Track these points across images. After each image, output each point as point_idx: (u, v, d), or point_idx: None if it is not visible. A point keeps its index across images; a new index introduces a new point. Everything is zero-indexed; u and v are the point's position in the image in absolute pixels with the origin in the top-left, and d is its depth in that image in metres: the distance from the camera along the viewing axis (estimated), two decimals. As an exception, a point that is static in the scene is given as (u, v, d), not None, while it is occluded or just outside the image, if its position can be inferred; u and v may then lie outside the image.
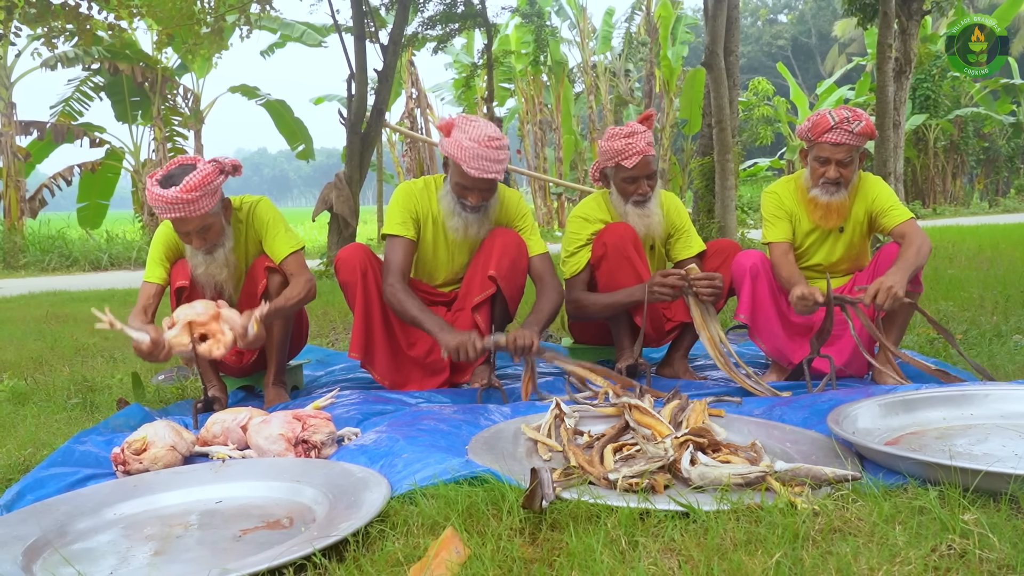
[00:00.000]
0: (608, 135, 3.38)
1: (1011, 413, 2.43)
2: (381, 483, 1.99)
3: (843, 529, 1.64)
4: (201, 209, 2.90)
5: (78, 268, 14.50)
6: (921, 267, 3.00)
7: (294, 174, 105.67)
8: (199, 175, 2.87)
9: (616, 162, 3.35)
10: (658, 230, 3.44)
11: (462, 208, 3.20)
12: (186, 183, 2.84)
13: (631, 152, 3.30)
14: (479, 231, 3.26)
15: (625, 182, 3.38)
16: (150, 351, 2.80)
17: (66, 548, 1.85)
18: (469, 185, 3.13)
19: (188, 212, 2.88)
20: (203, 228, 2.97)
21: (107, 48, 15.01)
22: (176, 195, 2.83)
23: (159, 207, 2.88)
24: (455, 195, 3.20)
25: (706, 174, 10.37)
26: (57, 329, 5.74)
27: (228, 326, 2.84)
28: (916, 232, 3.09)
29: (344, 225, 8.73)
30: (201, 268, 3.06)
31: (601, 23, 22.70)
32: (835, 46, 46.14)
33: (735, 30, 9.04)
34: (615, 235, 3.31)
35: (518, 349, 2.94)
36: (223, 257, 3.08)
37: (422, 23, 10.55)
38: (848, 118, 3.10)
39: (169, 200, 2.84)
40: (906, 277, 2.87)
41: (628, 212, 3.39)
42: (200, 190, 2.87)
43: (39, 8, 7.67)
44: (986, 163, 27.00)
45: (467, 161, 3.04)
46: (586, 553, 1.56)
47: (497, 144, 3.06)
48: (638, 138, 3.30)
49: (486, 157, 3.04)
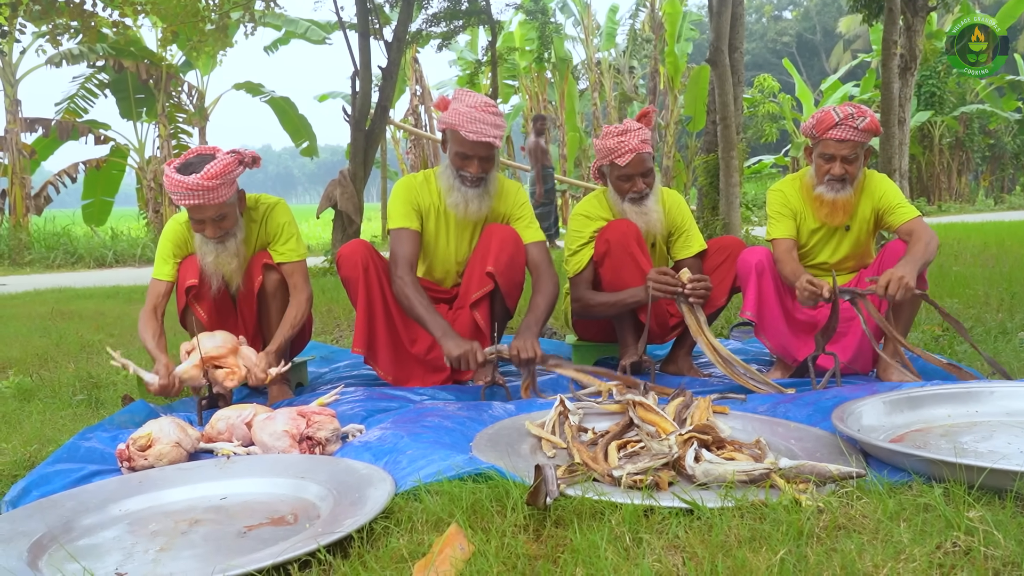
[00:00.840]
0: (603, 133, 3.39)
1: (1017, 410, 2.42)
2: (385, 480, 1.99)
3: (848, 526, 1.64)
4: (220, 197, 2.94)
5: (83, 265, 14.52)
6: (929, 262, 3.00)
7: (298, 171, 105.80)
8: (220, 164, 2.91)
9: (610, 160, 3.36)
10: (658, 227, 3.43)
11: (461, 182, 3.21)
12: (207, 171, 2.88)
13: (624, 150, 3.31)
14: (480, 207, 3.25)
15: (620, 180, 3.38)
16: (162, 390, 2.86)
17: (71, 544, 1.85)
18: (468, 151, 3.15)
19: (207, 199, 2.91)
20: (219, 216, 3.00)
21: (112, 45, 15.03)
22: (197, 182, 2.87)
23: (179, 193, 2.90)
24: (454, 168, 3.22)
25: (710, 171, 10.35)
26: (62, 326, 5.75)
27: (244, 362, 2.92)
28: (924, 229, 3.08)
29: (348, 222, 8.74)
30: (210, 257, 3.08)
31: (605, 20, 22.67)
32: (840, 42, 46.03)
33: (740, 27, 9.02)
34: (618, 232, 3.30)
35: (522, 362, 2.97)
36: (234, 247, 3.10)
37: (426, 20, 10.55)
38: (853, 114, 3.10)
39: (190, 186, 2.87)
40: (916, 269, 2.86)
41: (626, 210, 3.40)
42: (220, 178, 2.91)
43: (44, 5, 7.68)
44: (991, 160, 26.94)
45: (464, 125, 3.09)
46: (590, 550, 1.56)
47: (493, 110, 3.13)
48: (631, 136, 3.30)
49: (483, 120, 3.09)
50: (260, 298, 3.23)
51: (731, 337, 4.38)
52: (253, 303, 3.25)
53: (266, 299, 3.23)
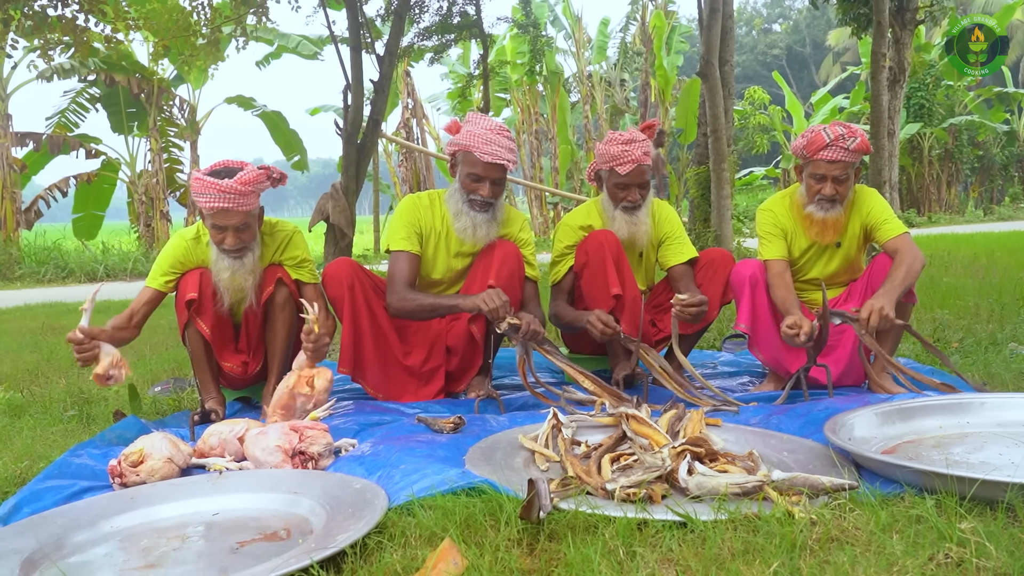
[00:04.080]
0: (608, 139, 3.43)
1: (1008, 421, 2.44)
2: (379, 494, 1.98)
3: (840, 538, 1.64)
4: (248, 205, 2.97)
5: (74, 279, 14.46)
6: (910, 285, 3.01)
7: (290, 184, 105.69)
8: (252, 172, 2.97)
9: (611, 166, 3.39)
10: (645, 239, 3.47)
11: (470, 207, 3.23)
12: (241, 177, 2.92)
13: (626, 159, 3.33)
14: (488, 233, 3.27)
15: (617, 187, 3.42)
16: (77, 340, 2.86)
17: (63, 561, 1.84)
18: (481, 173, 3.18)
19: (237, 204, 2.94)
20: (243, 226, 3.01)
21: (103, 60, 15.01)
22: (232, 185, 2.90)
23: (210, 195, 2.91)
24: (464, 192, 3.23)
25: (702, 183, 10.40)
26: (53, 341, 5.72)
27: None
28: (908, 248, 3.09)
29: (340, 235, 8.72)
30: (226, 274, 3.06)
31: (596, 33, 22.79)
32: (829, 55, 46.34)
33: (730, 39, 9.08)
34: (595, 243, 3.34)
35: (529, 333, 2.99)
36: (251, 263, 3.09)
37: (418, 34, 10.57)
38: (843, 135, 3.11)
39: (223, 188, 2.90)
40: (895, 298, 2.89)
41: (616, 217, 3.43)
42: (252, 186, 2.95)
43: (36, 20, 7.67)
44: (980, 171, 27.10)
45: (479, 147, 3.12)
46: (584, 563, 1.56)
47: (507, 134, 3.20)
48: (635, 146, 3.34)
49: (498, 143, 3.13)
50: (267, 310, 3.21)
51: (723, 349, 4.39)
52: (258, 317, 3.23)
53: (273, 312, 3.20)
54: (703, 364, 3.99)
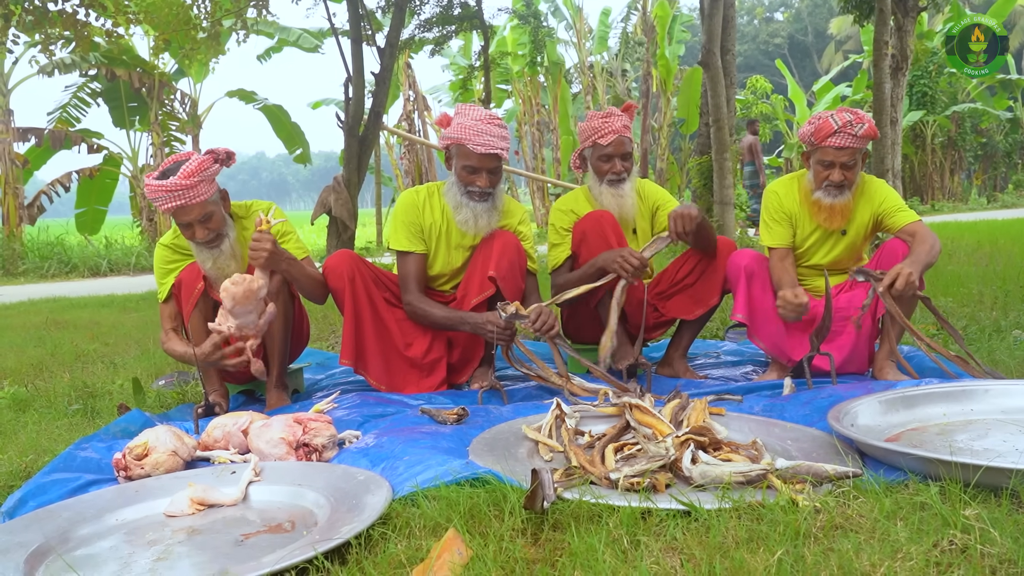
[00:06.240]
0: (588, 116, 3.52)
1: (1012, 408, 2.43)
2: (383, 485, 1.99)
3: (844, 526, 1.64)
4: (200, 196, 2.96)
5: (77, 274, 14.48)
6: (932, 265, 3.02)
7: (292, 178, 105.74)
8: (195, 163, 2.95)
9: (593, 140, 3.46)
10: (632, 212, 3.50)
11: (469, 198, 3.23)
12: (183, 171, 2.91)
13: (607, 130, 3.41)
14: (489, 222, 3.28)
15: (600, 160, 3.47)
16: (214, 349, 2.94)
17: (68, 554, 1.85)
18: (476, 164, 3.18)
19: (188, 199, 2.93)
20: (204, 216, 3.00)
21: (104, 54, 15.01)
22: (175, 182, 2.89)
23: (160, 198, 2.92)
24: (461, 184, 3.24)
25: (704, 173, 10.38)
26: (57, 335, 5.74)
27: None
28: (927, 232, 3.11)
29: (343, 228, 8.72)
30: (209, 263, 3.08)
31: (597, 23, 22.73)
32: (831, 43, 46.18)
33: (731, 28, 9.05)
34: (592, 219, 3.38)
35: (542, 326, 2.99)
36: (229, 248, 3.10)
37: (419, 26, 10.54)
38: (851, 121, 3.10)
39: (169, 188, 2.90)
40: (920, 268, 2.90)
41: (603, 192, 3.48)
42: (198, 175, 2.93)
43: (36, 15, 7.66)
44: (984, 159, 27.03)
45: (472, 139, 3.12)
46: (588, 553, 1.56)
47: (498, 122, 3.19)
48: (615, 118, 3.43)
49: (489, 133, 3.14)
50: None
51: (726, 338, 4.38)
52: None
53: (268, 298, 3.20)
54: (706, 354, 3.99)
